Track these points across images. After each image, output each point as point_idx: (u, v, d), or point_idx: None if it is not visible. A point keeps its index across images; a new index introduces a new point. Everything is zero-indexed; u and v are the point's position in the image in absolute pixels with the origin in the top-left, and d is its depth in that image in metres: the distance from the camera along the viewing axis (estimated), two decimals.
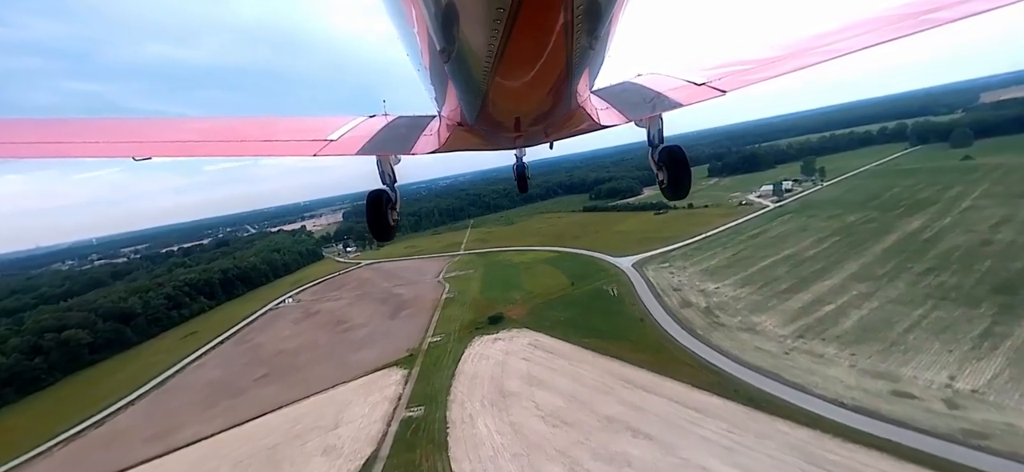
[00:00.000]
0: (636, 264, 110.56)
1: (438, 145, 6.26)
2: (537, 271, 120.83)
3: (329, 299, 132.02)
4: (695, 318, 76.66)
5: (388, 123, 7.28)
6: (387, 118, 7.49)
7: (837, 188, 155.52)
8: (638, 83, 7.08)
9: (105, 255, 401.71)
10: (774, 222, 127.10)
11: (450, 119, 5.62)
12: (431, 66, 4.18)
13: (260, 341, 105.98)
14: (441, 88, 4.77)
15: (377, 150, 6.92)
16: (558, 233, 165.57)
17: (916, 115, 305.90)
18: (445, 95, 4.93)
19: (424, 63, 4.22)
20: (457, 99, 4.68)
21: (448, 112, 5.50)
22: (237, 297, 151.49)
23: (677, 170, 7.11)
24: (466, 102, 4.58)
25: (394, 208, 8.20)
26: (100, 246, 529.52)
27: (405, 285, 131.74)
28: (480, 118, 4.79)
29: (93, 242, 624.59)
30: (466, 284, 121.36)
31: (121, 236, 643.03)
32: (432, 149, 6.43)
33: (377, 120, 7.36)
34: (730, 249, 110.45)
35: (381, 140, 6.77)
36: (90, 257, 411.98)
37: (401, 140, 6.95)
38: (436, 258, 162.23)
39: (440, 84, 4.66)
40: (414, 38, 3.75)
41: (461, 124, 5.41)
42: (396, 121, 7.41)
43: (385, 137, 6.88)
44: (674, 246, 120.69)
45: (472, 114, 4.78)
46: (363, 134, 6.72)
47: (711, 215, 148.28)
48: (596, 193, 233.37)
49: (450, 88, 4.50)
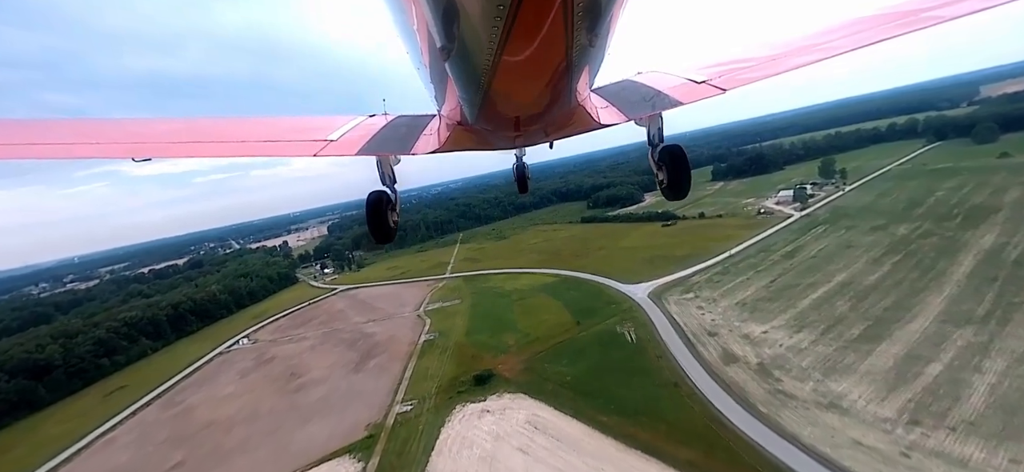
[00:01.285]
0: (653, 294, 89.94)
1: (438, 145, 6.14)
2: (534, 303, 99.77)
3: (290, 338, 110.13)
4: (749, 383, 55.97)
5: (388, 123, 7.07)
6: (387, 118, 7.27)
7: (866, 192, 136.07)
8: (638, 81, 6.97)
9: (82, 276, 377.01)
10: (807, 236, 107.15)
11: (450, 118, 5.59)
12: (431, 65, 4.14)
13: (193, 403, 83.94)
14: (441, 87, 4.71)
15: (377, 150, 6.72)
16: (555, 250, 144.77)
17: (917, 110, 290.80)
18: (445, 94, 4.85)
19: (424, 62, 4.19)
20: (457, 98, 4.58)
21: (448, 111, 5.46)
22: (189, 335, 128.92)
23: (677, 170, 6.89)
24: (466, 101, 4.47)
25: (394, 209, 8.01)
26: (81, 265, 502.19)
27: (379, 320, 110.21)
28: (480, 117, 4.71)
29: (74, 260, 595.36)
30: (450, 320, 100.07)
31: (103, 254, 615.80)
32: (432, 149, 6.27)
33: (377, 120, 7.16)
34: (765, 273, 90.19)
35: (381, 140, 6.56)
36: (65, 279, 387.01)
37: (401, 140, 6.73)
38: (419, 282, 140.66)
39: (440, 83, 4.60)
40: (414, 37, 3.71)
41: (461, 123, 5.37)
42: (396, 121, 7.22)
43: (385, 137, 6.67)
44: (694, 268, 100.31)
45: (472, 113, 4.69)
46: (363, 134, 6.52)
47: (728, 227, 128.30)
48: (594, 201, 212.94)
49: (450, 87, 4.41)
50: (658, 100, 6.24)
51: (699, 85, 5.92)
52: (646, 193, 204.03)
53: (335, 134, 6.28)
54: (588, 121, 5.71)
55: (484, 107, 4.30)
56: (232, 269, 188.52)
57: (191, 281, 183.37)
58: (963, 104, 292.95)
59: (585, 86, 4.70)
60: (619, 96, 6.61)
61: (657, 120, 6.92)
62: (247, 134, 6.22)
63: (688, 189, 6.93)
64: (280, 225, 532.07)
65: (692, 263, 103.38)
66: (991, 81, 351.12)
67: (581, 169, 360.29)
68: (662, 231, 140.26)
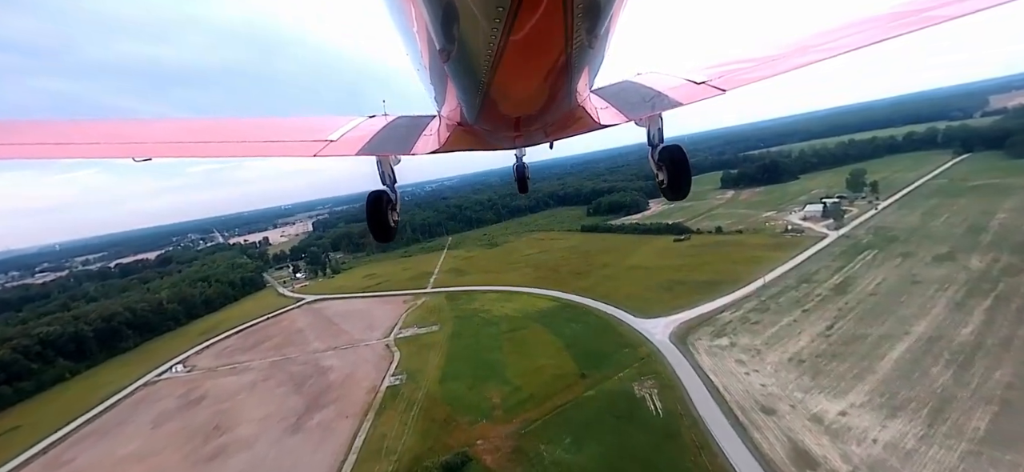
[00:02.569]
0: (675, 335, 70.57)
1: (438, 145, 6.03)
2: (527, 338, 79.94)
3: (233, 367, 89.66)
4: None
5: (388, 123, 7.01)
6: (387, 118, 7.21)
7: (907, 210, 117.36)
8: (638, 82, 6.87)
9: (56, 265, 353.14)
10: (855, 264, 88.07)
11: (450, 119, 5.51)
12: (431, 66, 4.08)
13: (80, 467, 63.59)
14: (441, 88, 4.62)
15: (377, 150, 6.68)
16: (553, 264, 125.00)
17: (926, 119, 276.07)
18: (445, 95, 4.75)
19: (424, 63, 4.13)
20: (457, 99, 4.52)
21: (448, 112, 5.37)
22: (122, 353, 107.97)
23: (677, 170, 6.85)
24: (466, 102, 4.39)
25: (394, 209, 7.94)
26: (62, 253, 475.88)
27: (341, 348, 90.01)
28: (480, 118, 4.65)
29: (56, 248, 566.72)
30: (423, 355, 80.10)
31: (87, 241, 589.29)
32: (432, 149, 6.17)
33: (377, 120, 7.10)
34: (815, 314, 71.01)
35: (381, 140, 6.51)
36: (37, 267, 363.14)
37: (401, 140, 6.67)
38: (396, 298, 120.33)
39: (440, 84, 4.51)
40: (414, 38, 3.67)
41: (461, 124, 5.30)
42: (396, 121, 7.14)
43: (385, 137, 6.62)
44: (722, 301, 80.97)
45: (472, 114, 4.61)
46: (363, 134, 6.48)
47: (752, 246, 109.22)
48: (595, 207, 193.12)
49: (450, 88, 4.35)
50: (658, 101, 6.17)
51: (699, 86, 5.82)
52: (651, 200, 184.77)
53: (335, 134, 6.23)
54: (588, 122, 5.62)
55: (484, 108, 4.22)
56: (192, 272, 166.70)
57: (146, 283, 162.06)
58: (977, 114, 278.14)
59: (585, 87, 4.63)
60: (619, 97, 6.48)
61: (657, 121, 6.88)
62: (247, 134, 6.18)
63: (688, 190, 6.85)
64: (268, 218, 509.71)
65: (718, 293, 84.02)
66: (1004, 91, 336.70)
67: (579, 171, 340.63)
68: (674, 247, 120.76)
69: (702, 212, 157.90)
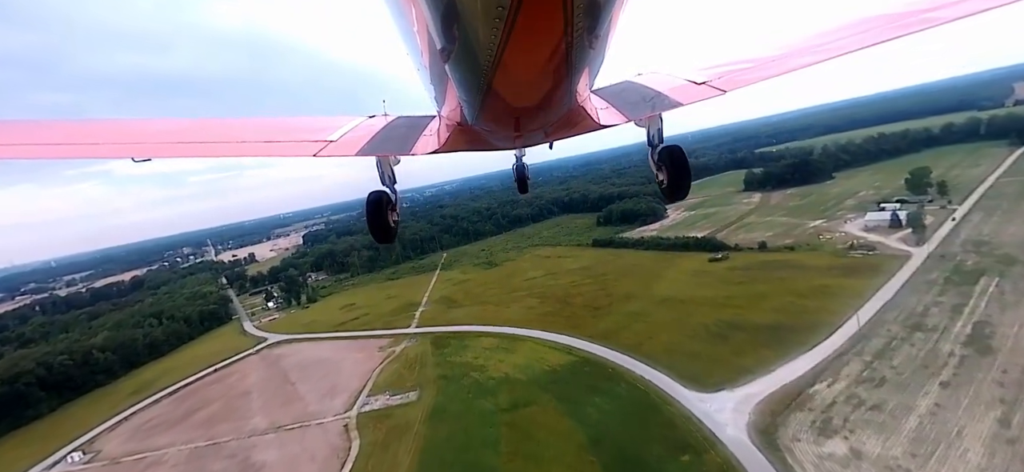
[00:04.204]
0: (756, 428, 46.43)
1: (438, 145, 5.90)
2: (535, 424, 55.44)
3: (143, 453, 65.94)
4: None
5: (388, 123, 6.77)
6: (387, 118, 6.99)
7: (1003, 219, 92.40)
8: (638, 82, 6.69)
9: (40, 286, 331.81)
10: (975, 297, 63.42)
11: (450, 119, 5.43)
12: (431, 66, 4.03)
13: None
14: (441, 88, 4.58)
15: (377, 151, 6.48)
16: (563, 293, 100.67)
17: (948, 110, 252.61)
18: (445, 95, 4.72)
19: (424, 63, 4.08)
20: (457, 99, 4.45)
21: (448, 112, 5.30)
22: (25, 425, 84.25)
23: (677, 171, 6.64)
24: (466, 102, 4.33)
25: (394, 209, 7.64)
26: (56, 270, 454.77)
27: (286, 429, 66.09)
28: (480, 118, 4.59)
29: (51, 264, 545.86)
30: (391, 448, 56.01)
31: (80, 258, 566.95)
32: (432, 149, 6.01)
33: (377, 120, 6.86)
34: (961, 389, 46.49)
35: (381, 141, 6.28)
36: (23, 287, 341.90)
37: (401, 141, 6.44)
38: (373, 341, 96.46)
39: (440, 84, 4.46)
40: (414, 37, 3.61)
41: (461, 124, 5.22)
42: (396, 121, 6.91)
43: (385, 138, 6.38)
44: (804, 361, 56.60)
45: (472, 114, 4.55)
46: (363, 135, 6.23)
47: (813, 269, 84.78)
48: (606, 216, 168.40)
49: (450, 88, 4.27)
50: (658, 101, 6.03)
51: (699, 86, 5.68)
52: (669, 207, 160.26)
53: (335, 135, 6.04)
54: (588, 122, 5.57)
55: (484, 108, 4.17)
56: (144, 308, 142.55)
57: (94, 319, 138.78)
58: (1009, 102, 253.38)
59: (585, 87, 4.60)
60: (619, 97, 6.35)
61: (657, 121, 6.76)
62: (247, 134, 6.01)
63: (688, 190, 6.70)
64: (266, 228, 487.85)
65: (794, 345, 59.74)
66: (1020, 79, 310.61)
67: (583, 173, 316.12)
68: (711, 269, 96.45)
69: (732, 221, 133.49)
